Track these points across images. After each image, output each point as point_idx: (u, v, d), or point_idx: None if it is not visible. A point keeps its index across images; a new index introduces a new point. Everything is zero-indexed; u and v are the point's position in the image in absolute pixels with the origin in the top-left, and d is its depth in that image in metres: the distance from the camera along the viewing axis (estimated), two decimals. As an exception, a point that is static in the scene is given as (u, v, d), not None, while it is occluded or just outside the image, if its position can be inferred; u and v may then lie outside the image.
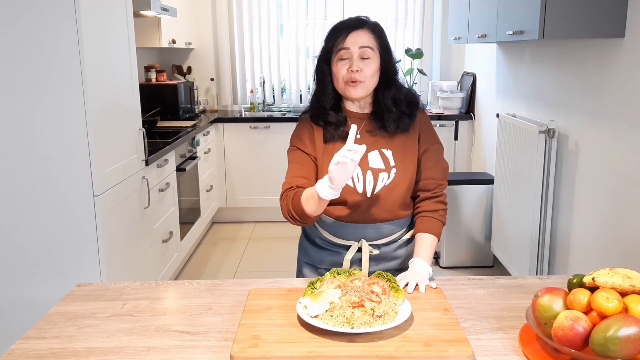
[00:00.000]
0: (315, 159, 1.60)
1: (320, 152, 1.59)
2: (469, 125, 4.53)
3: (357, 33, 1.53)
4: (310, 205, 1.45)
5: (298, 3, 4.92)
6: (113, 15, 2.53)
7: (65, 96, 2.23)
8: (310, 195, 1.44)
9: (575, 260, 2.72)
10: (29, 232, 2.34)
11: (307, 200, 1.45)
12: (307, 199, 1.45)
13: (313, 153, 1.60)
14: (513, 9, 2.66)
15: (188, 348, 1.19)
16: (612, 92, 2.34)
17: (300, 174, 1.57)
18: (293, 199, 1.49)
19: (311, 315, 1.22)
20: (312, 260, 1.70)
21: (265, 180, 4.60)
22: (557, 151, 2.82)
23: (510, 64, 3.57)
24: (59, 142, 2.27)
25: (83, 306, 1.39)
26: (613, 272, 1.11)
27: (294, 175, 1.57)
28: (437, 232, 1.60)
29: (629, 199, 2.24)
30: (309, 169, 1.58)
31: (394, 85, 1.58)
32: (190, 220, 3.84)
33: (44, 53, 2.19)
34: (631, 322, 1.01)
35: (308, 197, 1.45)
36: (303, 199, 1.46)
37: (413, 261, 1.53)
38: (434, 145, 1.63)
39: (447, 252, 3.67)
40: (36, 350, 1.19)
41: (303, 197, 1.46)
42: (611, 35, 2.26)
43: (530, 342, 1.17)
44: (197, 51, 4.98)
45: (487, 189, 3.60)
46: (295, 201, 1.48)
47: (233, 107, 5.11)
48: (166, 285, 1.53)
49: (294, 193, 1.50)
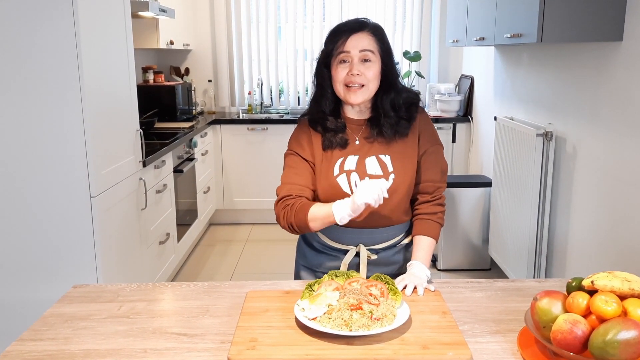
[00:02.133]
0: (314, 164, 1.58)
1: (318, 159, 1.57)
2: (466, 128, 4.54)
3: (358, 36, 1.51)
4: (316, 224, 1.46)
5: (296, 5, 4.93)
6: (111, 16, 2.52)
7: (62, 97, 2.22)
8: (321, 216, 1.44)
9: (572, 263, 2.72)
10: (26, 232, 2.32)
11: (314, 219, 1.45)
12: (315, 218, 1.45)
13: (311, 159, 1.58)
14: (511, 12, 2.66)
15: (185, 350, 1.18)
16: (610, 96, 2.34)
17: (297, 181, 1.55)
18: (296, 212, 1.47)
19: (309, 317, 1.21)
20: (310, 264, 1.69)
21: (262, 182, 4.59)
22: (555, 154, 2.82)
23: (508, 67, 3.58)
24: (56, 142, 2.26)
25: (79, 308, 1.38)
26: (612, 276, 1.11)
27: (291, 182, 1.55)
28: (435, 235, 1.59)
29: (626, 202, 2.24)
30: (306, 176, 1.56)
31: (393, 89, 1.56)
32: (188, 222, 3.83)
33: (42, 53, 2.19)
34: (630, 326, 1.00)
35: (316, 217, 1.45)
36: (310, 217, 1.45)
37: (411, 264, 1.53)
38: (433, 146, 1.61)
39: (445, 255, 3.67)
40: (32, 352, 1.18)
41: (310, 215, 1.45)
42: (609, 39, 2.27)
43: (529, 346, 1.16)
44: (195, 52, 4.97)
45: (485, 192, 3.60)
46: (300, 216, 1.46)
47: (231, 109, 5.10)
48: (163, 287, 1.52)
49: (297, 205, 1.48)
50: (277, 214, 1.53)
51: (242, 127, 4.58)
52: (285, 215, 1.49)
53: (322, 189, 1.56)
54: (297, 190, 1.53)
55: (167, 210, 3.33)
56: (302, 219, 1.46)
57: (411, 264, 1.53)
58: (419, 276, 1.46)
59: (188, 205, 3.84)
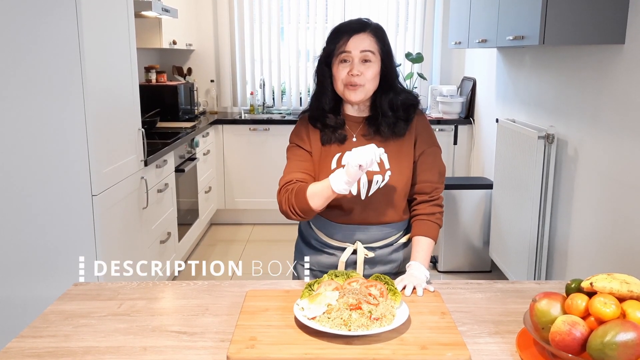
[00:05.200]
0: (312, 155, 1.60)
1: (317, 153, 1.60)
2: (468, 130, 4.53)
3: (359, 37, 1.53)
4: (316, 200, 1.46)
5: (299, 6, 4.93)
6: (114, 16, 2.53)
7: (65, 96, 2.23)
8: (319, 191, 1.45)
9: (573, 265, 2.71)
10: (27, 230, 2.33)
11: (313, 195, 1.46)
12: (314, 194, 1.46)
13: (310, 150, 1.60)
14: (514, 15, 2.66)
15: (184, 349, 1.19)
16: (612, 99, 2.34)
17: (299, 169, 1.58)
18: (296, 193, 1.49)
19: (308, 317, 1.21)
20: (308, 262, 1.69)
21: (263, 182, 4.59)
22: (556, 157, 2.82)
23: (510, 70, 3.58)
24: (58, 141, 2.27)
25: (80, 305, 1.39)
26: (611, 278, 1.11)
27: (292, 171, 1.58)
28: (434, 235, 1.60)
29: (627, 205, 2.24)
30: (308, 165, 1.59)
31: (392, 90, 1.58)
32: (189, 222, 3.83)
33: (45, 52, 2.19)
34: (629, 328, 1.00)
35: (315, 193, 1.46)
36: (309, 194, 1.46)
37: (410, 265, 1.53)
38: (430, 148, 1.62)
39: (445, 257, 3.67)
40: (32, 349, 1.18)
41: (309, 192, 1.46)
42: (611, 42, 2.27)
43: (527, 347, 1.16)
44: (198, 52, 4.98)
45: (486, 194, 3.60)
46: (300, 196, 1.47)
47: (233, 109, 5.11)
48: (163, 285, 1.52)
49: (296, 187, 1.50)
50: (279, 201, 1.54)
51: (244, 128, 4.58)
52: (287, 199, 1.51)
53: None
54: (299, 177, 1.55)
55: (168, 210, 3.34)
56: (302, 198, 1.47)
57: (410, 264, 1.53)
58: (417, 277, 1.47)
59: (189, 204, 3.85)
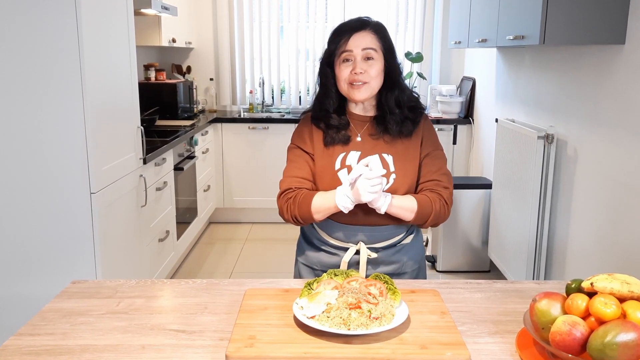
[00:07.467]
0: (314, 156, 1.59)
1: (319, 154, 1.59)
2: (467, 129, 4.53)
3: (360, 35, 1.52)
4: (320, 215, 1.52)
5: (299, 5, 4.92)
6: (113, 13, 2.52)
7: (64, 93, 2.22)
8: (324, 208, 1.50)
9: (572, 266, 2.71)
10: (25, 228, 2.32)
11: (318, 211, 1.50)
12: (318, 210, 1.50)
13: (312, 152, 1.60)
14: (514, 14, 2.66)
15: (183, 347, 1.18)
16: (612, 99, 2.34)
17: (299, 174, 1.58)
18: (300, 203, 1.51)
19: (308, 316, 1.21)
20: (309, 262, 1.69)
21: (262, 181, 4.59)
22: (556, 157, 2.82)
23: (510, 69, 3.58)
24: (57, 138, 2.26)
25: (78, 303, 1.38)
26: (612, 278, 1.11)
27: (293, 175, 1.58)
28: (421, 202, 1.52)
29: (626, 205, 2.24)
30: (306, 169, 1.59)
31: (397, 87, 1.57)
32: (187, 220, 3.83)
33: (44, 50, 2.19)
34: (629, 328, 1.00)
35: (319, 209, 1.50)
36: (314, 208, 1.50)
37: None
38: (436, 150, 1.62)
39: (444, 257, 3.67)
40: (29, 346, 1.18)
41: (314, 206, 1.50)
42: (612, 42, 2.27)
43: (527, 347, 1.16)
44: (197, 51, 4.97)
45: (485, 194, 3.60)
46: (303, 208, 1.50)
47: (232, 108, 5.10)
48: (162, 283, 1.52)
49: (300, 196, 1.51)
50: (279, 207, 1.57)
51: (243, 126, 4.57)
52: (289, 208, 1.53)
53: (324, 183, 1.57)
54: (297, 182, 1.56)
55: (167, 208, 3.33)
56: (305, 210, 1.51)
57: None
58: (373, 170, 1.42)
59: (188, 203, 3.84)
